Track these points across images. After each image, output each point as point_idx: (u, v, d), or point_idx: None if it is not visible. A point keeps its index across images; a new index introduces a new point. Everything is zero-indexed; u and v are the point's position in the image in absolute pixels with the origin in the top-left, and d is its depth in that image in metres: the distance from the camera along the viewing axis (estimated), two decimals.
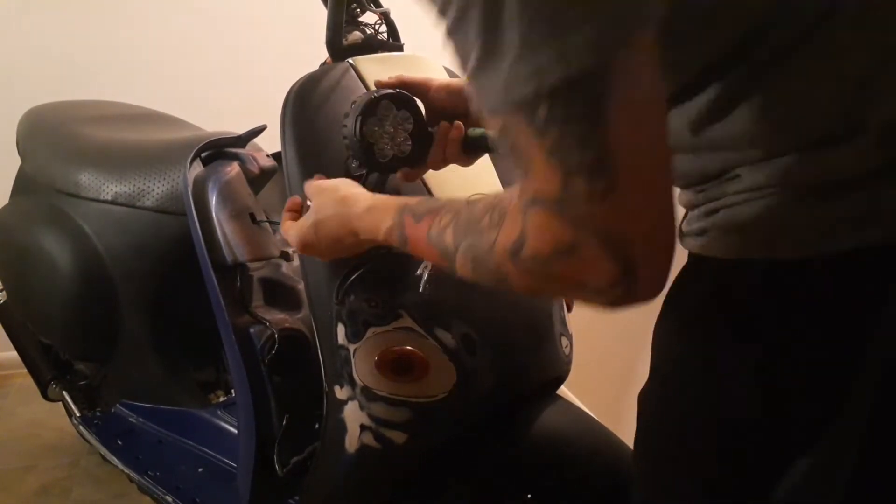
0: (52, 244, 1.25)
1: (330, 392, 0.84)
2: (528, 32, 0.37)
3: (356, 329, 0.80)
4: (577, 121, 0.38)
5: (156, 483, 1.25)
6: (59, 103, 1.53)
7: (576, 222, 0.41)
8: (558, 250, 0.42)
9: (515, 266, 0.45)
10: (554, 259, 0.43)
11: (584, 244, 0.41)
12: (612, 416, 1.19)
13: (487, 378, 0.84)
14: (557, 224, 0.41)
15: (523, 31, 0.37)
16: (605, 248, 0.41)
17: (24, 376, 1.61)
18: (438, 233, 0.55)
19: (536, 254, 0.43)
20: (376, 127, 0.75)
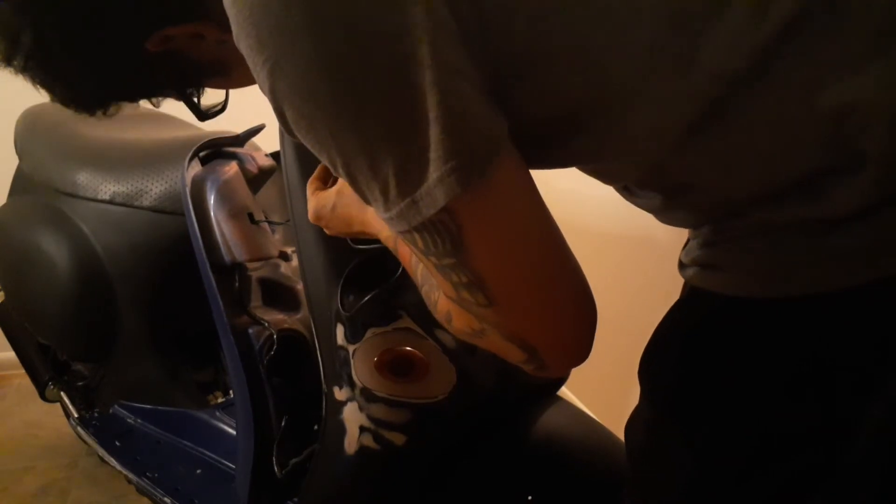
0: (49, 244, 1.25)
1: (329, 393, 0.83)
2: (385, 189, 0.41)
3: (355, 329, 0.79)
4: (446, 252, 0.43)
5: (154, 484, 1.24)
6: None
7: (477, 317, 0.47)
8: (473, 333, 0.50)
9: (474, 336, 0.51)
10: (473, 337, 0.50)
11: (489, 333, 0.47)
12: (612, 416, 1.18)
13: (487, 379, 0.83)
14: (465, 315, 0.48)
15: (381, 187, 0.41)
16: (506, 338, 0.46)
17: (22, 377, 1.61)
18: (414, 263, 0.60)
19: (459, 331, 0.52)
20: None
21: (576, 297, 0.46)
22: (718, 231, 0.48)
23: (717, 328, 0.49)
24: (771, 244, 0.44)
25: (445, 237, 0.42)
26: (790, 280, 0.44)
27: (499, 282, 0.43)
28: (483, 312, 0.45)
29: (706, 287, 0.49)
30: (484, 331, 0.48)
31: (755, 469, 0.47)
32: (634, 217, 1.50)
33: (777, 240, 0.44)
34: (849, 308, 0.42)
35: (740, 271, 0.47)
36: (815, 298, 0.43)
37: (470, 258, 0.43)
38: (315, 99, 0.40)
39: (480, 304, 0.45)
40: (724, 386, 0.48)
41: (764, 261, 0.45)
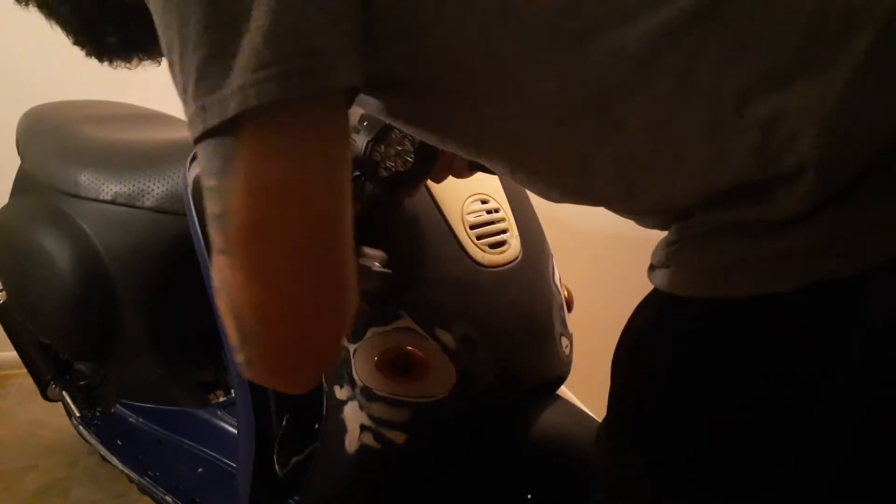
0: (51, 244, 1.25)
1: (329, 392, 0.84)
2: (187, 84, 0.39)
3: (356, 329, 0.80)
4: (212, 170, 0.40)
5: (155, 483, 1.24)
6: (59, 103, 1.53)
7: (216, 267, 0.42)
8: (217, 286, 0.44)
9: None
10: (217, 291, 0.44)
11: (221, 292, 0.43)
12: None
13: (487, 378, 0.84)
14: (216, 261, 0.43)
15: (185, 81, 0.39)
16: (228, 306, 0.42)
17: (24, 376, 1.62)
18: None
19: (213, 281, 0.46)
20: (383, 148, 0.74)
21: (319, 313, 0.42)
22: (677, 231, 0.47)
23: (667, 328, 0.49)
24: (717, 244, 0.44)
25: (219, 152, 0.39)
26: (732, 281, 0.43)
27: (243, 230, 0.40)
28: (220, 263, 0.41)
29: (670, 291, 0.47)
30: (220, 286, 0.43)
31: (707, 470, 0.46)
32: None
33: (723, 240, 0.44)
34: (789, 312, 0.42)
35: (688, 271, 0.46)
36: (757, 300, 0.42)
37: (230, 185, 0.39)
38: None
39: (219, 249, 0.41)
40: (670, 385, 0.48)
41: (710, 261, 0.44)
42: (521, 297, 0.88)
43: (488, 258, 0.85)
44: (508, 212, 0.90)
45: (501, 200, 0.90)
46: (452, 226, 0.83)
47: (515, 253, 0.88)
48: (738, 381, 0.44)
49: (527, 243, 0.90)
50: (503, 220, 0.89)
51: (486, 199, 0.88)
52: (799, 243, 0.40)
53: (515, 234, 0.90)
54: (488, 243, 0.85)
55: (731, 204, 0.42)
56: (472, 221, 0.85)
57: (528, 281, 0.89)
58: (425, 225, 0.83)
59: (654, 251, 0.51)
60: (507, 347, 0.86)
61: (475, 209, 0.87)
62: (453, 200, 0.84)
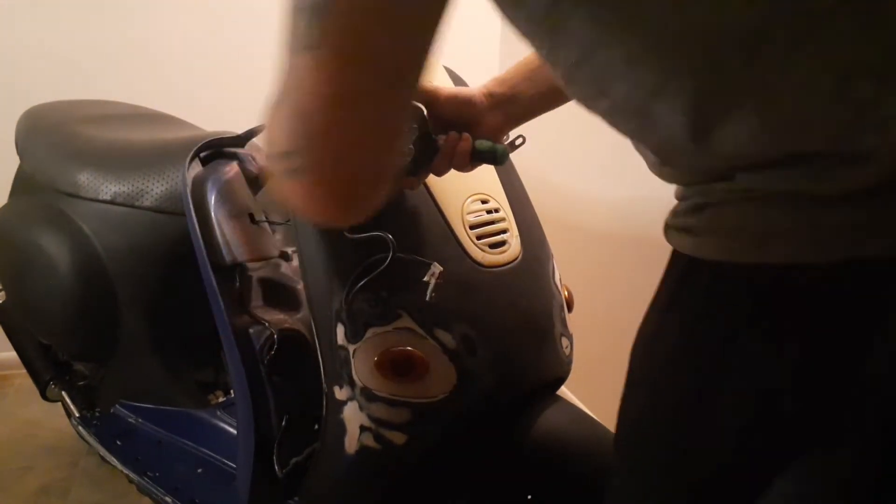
0: (50, 244, 1.25)
1: (329, 392, 0.84)
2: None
3: (356, 329, 0.80)
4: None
5: (155, 483, 1.24)
6: (58, 103, 1.53)
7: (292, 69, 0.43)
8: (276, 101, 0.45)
9: None
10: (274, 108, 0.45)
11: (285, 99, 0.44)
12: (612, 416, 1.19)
13: (487, 379, 0.83)
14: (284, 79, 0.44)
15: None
16: (294, 112, 0.43)
17: (23, 377, 1.61)
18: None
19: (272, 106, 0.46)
20: None
21: (384, 130, 0.44)
22: (709, 193, 0.47)
23: (712, 295, 0.49)
24: (758, 210, 0.44)
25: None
26: (770, 248, 0.44)
27: (344, 27, 0.40)
28: (299, 62, 0.42)
29: (697, 255, 0.48)
30: (288, 88, 0.43)
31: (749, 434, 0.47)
32: (633, 216, 1.51)
33: (765, 206, 0.44)
34: (824, 283, 0.43)
35: (721, 235, 0.47)
36: (791, 269, 0.43)
37: None
38: None
39: (303, 44, 0.42)
40: (713, 348, 0.49)
41: (748, 226, 0.45)
42: (522, 297, 0.88)
43: (488, 258, 0.85)
44: (508, 212, 0.90)
45: (501, 200, 0.90)
46: (452, 226, 0.83)
47: (515, 253, 0.88)
48: (773, 347, 0.45)
49: (527, 243, 0.90)
50: (503, 220, 0.88)
51: (487, 199, 0.88)
52: (845, 220, 0.41)
53: (515, 234, 0.89)
54: (488, 243, 0.85)
55: (787, 171, 0.43)
56: (472, 221, 0.85)
57: (529, 281, 0.89)
58: (425, 225, 0.83)
59: (673, 214, 0.52)
60: (508, 348, 0.86)
61: (475, 209, 0.87)
62: (453, 200, 0.84)
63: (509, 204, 0.91)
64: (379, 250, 0.78)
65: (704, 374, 0.49)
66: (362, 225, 0.79)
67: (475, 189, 0.87)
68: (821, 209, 0.42)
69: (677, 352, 0.52)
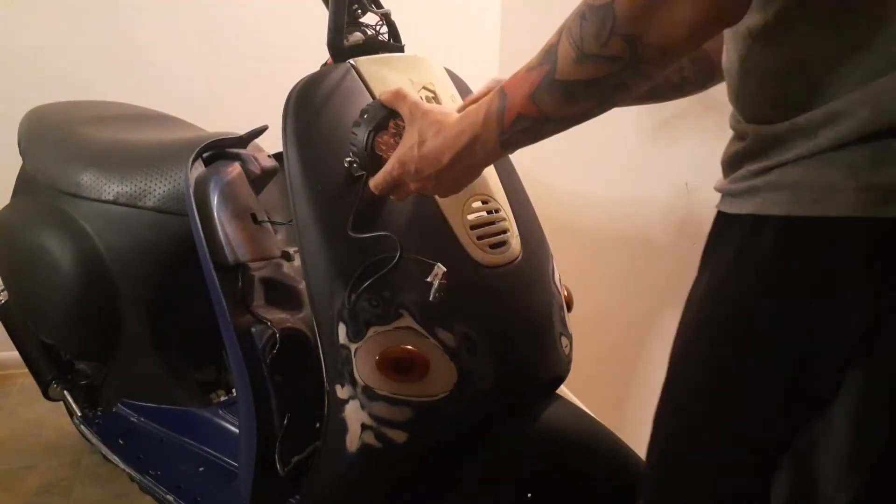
0: (53, 244, 1.25)
1: (331, 391, 0.84)
2: None
3: (357, 328, 0.80)
4: None
5: (157, 482, 1.25)
6: (61, 103, 1.54)
7: None
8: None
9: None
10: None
11: None
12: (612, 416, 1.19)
13: (488, 378, 0.84)
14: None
15: None
16: None
17: (26, 376, 1.62)
18: (537, 56, 0.57)
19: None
20: (386, 139, 0.74)
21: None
22: (773, 157, 0.51)
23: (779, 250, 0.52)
24: (828, 166, 0.48)
25: None
26: (836, 201, 0.47)
27: None
28: None
29: (760, 212, 0.52)
30: None
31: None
32: (632, 217, 1.52)
33: (834, 163, 0.47)
34: (889, 236, 0.46)
35: (786, 190, 0.50)
36: (855, 222, 0.47)
37: None
38: None
39: None
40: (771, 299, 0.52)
41: (816, 181, 0.48)
42: (522, 297, 0.88)
43: (489, 258, 0.85)
44: (509, 212, 0.91)
45: (502, 200, 0.91)
46: (453, 226, 0.84)
47: (516, 253, 0.88)
48: (842, 295, 0.48)
49: (527, 243, 0.91)
50: (503, 220, 0.89)
51: (487, 200, 0.89)
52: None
53: (516, 234, 0.90)
54: (489, 243, 0.86)
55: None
56: (472, 221, 0.86)
57: (529, 281, 0.90)
58: (426, 225, 0.83)
59: (730, 184, 0.55)
60: (508, 347, 0.86)
61: (476, 209, 0.87)
62: (454, 200, 0.85)
63: (509, 204, 0.92)
64: (381, 250, 0.79)
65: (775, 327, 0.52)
66: (365, 225, 0.80)
67: (475, 189, 0.88)
68: (878, 167, 0.45)
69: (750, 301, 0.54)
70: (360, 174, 0.79)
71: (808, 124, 0.50)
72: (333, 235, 0.81)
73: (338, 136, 0.80)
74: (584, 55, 0.53)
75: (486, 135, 0.63)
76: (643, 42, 0.50)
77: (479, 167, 0.68)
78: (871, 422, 0.49)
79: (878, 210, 0.46)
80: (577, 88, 0.55)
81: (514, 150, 0.66)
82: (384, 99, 0.75)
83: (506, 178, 0.94)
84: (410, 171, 0.70)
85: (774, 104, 0.53)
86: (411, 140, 0.70)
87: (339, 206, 0.80)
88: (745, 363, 0.55)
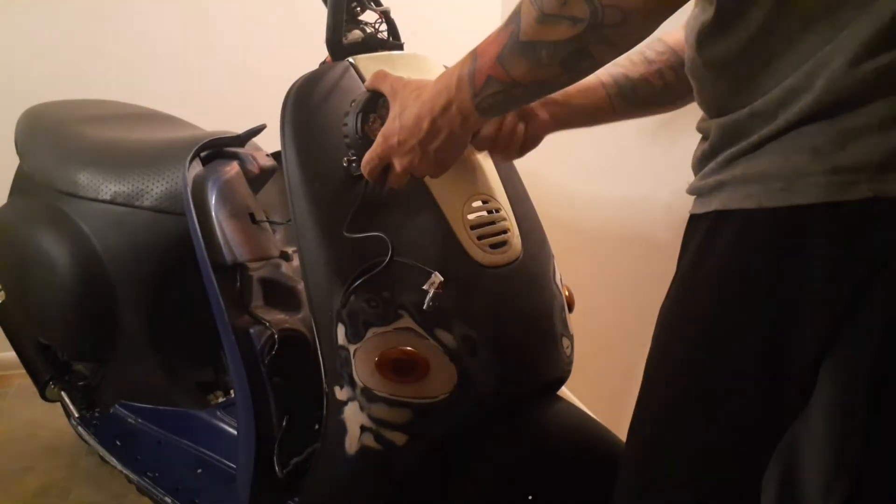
0: (50, 244, 1.25)
1: (330, 393, 0.84)
2: None
3: (356, 329, 0.80)
4: None
5: (155, 484, 1.24)
6: (58, 102, 1.53)
7: None
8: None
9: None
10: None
11: None
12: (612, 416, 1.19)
13: (488, 379, 0.83)
14: None
15: None
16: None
17: (23, 377, 1.61)
18: (505, 22, 0.57)
19: None
20: (378, 123, 0.74)
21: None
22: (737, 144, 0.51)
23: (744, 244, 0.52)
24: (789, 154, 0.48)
25: None
26: (800, 190, 0.47)
27: None
28: None
29: (726, 207, 0.51)
30: None
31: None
32: (633, 217, 1.51)
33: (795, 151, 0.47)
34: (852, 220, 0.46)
35: (751, 184, 0.50)
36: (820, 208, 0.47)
37: None
38: None
39: None
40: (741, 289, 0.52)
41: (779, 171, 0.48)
42: (522, 297, 0.88)
43: (489, 258, 0.84)
44: (509, 212, 0.90)
45: (502, 200, 0.90)
46: (453, 226, 0.83)
47: (516, 253, 0.88)
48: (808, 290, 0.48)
49: (527, 243, 0.90)
50: (504, 220, 0.88)
51: (487, 199, 0.88)
52: (870, 158, 0.44)
53: (516, 234, 0.89)
54: (489, 243, 0.85)
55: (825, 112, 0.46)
56: (472, 221, 0.85)
57: (529, 281, 0.89)
58: (426, 225, 0.82)
59: (698, 182, 0.55)
60: (508, 348, 0.85)
61: (476, 209, 0.87)
62: (454, 200, 0.84)
63: (510, 204, 0.91)
64: (381, 251, 0.78)
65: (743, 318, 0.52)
66: (361, 224, 0.79)
67: (476, 189, 0.87)
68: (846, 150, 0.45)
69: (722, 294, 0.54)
70: (358, 174, 0.78)
71: (766, 107, 0.49)
72: (332, 235, 0.80)
73: (336, 134, 0.80)
74: (546, 15, 0.52)
75: (460, 96, 0.62)
76: (602, 2, 0.49)
77: (460, 136, 0.67)
78: (847, 421, 0.48)
79: (844, 193, 0.45)
80: (540, 50, 0.54)
81: (495, 115, 0.66)
82: (367, 84, 0.75)
83: (506, 178, 0.94)
84: (394, 145, 0.69)
85: (734, 93, 0.52)
86: (393, 112, 0.70)
87: (338, 205, 0.80)
88: (713, 377, 0.55)
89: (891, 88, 0.44)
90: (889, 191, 0.44)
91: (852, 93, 0.45)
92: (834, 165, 0.46)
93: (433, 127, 0.65)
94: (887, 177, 0.44)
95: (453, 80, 0.62)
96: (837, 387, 0.48)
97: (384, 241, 0.77)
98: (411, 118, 0.66)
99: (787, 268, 0.48)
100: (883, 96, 0.44)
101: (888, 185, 0.44)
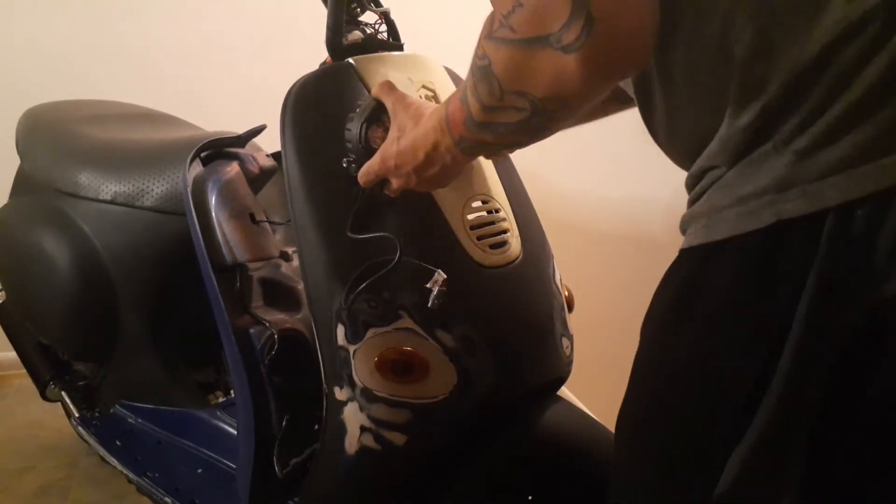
0: (51, 244, 1.25)
1: (330, 393, 0.84)
2: None
3: (356, 330, 0.80)
4: None
5: (155, 484, 1.24)
6: (59, 103, 1.53)
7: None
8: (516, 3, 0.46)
9: (491, 43, 0.49)
10: (514, 14, 0.46)
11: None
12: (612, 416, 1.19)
13: (488, 379, 0.83)
14: None
15: None
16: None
17: (23, 377, 1.61)
18: (459, 89, 0.59)
19: (502, 13, 0.47)
20: (380, 132, 0.74)
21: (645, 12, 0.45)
22: (701, 188, 0.53)
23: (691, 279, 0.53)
24: (710, 194, 0.51)
25: None
26: (716, 227, 0.50)
27: None
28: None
29: (688, 245, 0.54)
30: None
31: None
32: (633, 217, 1.51)
33: (711, 190, 0.51)
34: (758, 249, 0.47)
35: (695, 224, 0.52)
36: (732, 242, 0.49)
37: None
38: None
39: None
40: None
41: (703, 211, 0.51)
42: (522, 297, 0.88)
43: (489, 258, 0.84)
44: (509, 212, 0.90)
45: (502, 200, 0.90)
46: (453, 226, 0.83)
47: (516, 253, 0.88)
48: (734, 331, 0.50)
49: (527, 244, 0.90)
50: (504, 221, 0.88)
51: (487, 200, 0.88)
52: (770, 181, 0.46)
53: (516, 234, 0.89)
54: (489, 244, 0.85)
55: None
56: (472, 221, 0.85)
57: (529, 281, 0.89)
58: (426, 225, 0.82)
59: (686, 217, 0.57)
60: (508, 348, 0.85)
61: (476, 209, 0.87)
62: (454, 201, 0.84)
63: (510, 204, 0.91)
64: (381, 251, 0.78)
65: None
66: (365, 225, 0.79)
67: (475, 189, 0.87)
68: (747, 181, 0.48)
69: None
70: (357, 174, 0.78)
71: (698, 167, 0.53)
72: (332, 236, 0.80)
73: (336, 135, 0.80)
74: (488, 107, 0.53)
75: (445, 141, 0.63)
76: (535, 96, 0.49)
77: (454, 168, 0.68)
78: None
79: (748, 223, 0.47)
80: (497, 128, 0.55)
81: (479, 156, 0.66)
82: (374, 92, 0.75)
83: (506, 178, 0.94)
84: (391, 168, 0.70)
85: (685, 158, 0.56)
86: (392, 134, 0.70)
87: (338, 206, 0.80)
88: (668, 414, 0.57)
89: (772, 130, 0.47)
90: (789, 212, 0.45)
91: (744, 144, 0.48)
92: (739, 196, 0.48)
93: (427, 159, 0.66)
94: (786, 196, 0.45)
95: (441, 122, 0.63)
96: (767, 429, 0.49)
97: (392, 241, 0.77)
98: (408, 146, 0.67)
99: (715, 307, 0.50)
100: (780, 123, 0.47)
101: (788, 205, 0.45)
